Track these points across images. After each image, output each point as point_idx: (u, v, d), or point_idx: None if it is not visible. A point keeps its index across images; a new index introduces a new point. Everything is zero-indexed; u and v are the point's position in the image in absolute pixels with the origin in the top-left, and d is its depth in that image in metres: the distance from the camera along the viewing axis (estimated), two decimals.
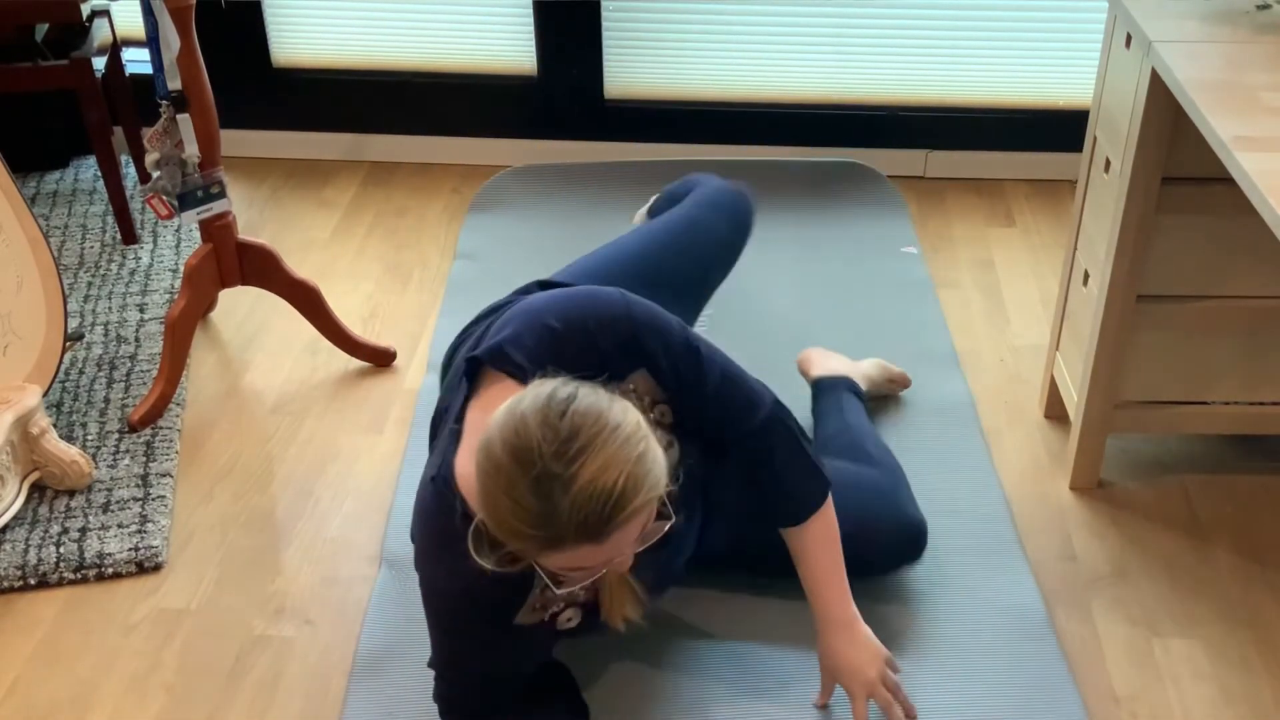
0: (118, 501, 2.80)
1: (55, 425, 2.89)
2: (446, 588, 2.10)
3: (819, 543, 2.28)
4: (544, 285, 2.48)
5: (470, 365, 2.14)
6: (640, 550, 1.97)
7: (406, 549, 2.67)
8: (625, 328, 2.12)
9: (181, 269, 3.46)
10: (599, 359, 2.05)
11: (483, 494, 1.85)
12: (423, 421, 3.03)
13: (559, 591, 1.98)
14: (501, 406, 1.88)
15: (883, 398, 3.06)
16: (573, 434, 1.79)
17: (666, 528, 1.96)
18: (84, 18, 3.44)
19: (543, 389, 1.86)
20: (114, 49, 3.77)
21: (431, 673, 2.24)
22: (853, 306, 3.44)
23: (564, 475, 1.77)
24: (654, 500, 1.88)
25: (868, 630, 2.30)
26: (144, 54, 3.70)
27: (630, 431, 1.84)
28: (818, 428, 2.85)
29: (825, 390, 2.93)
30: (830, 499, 2.28)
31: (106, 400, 3.10)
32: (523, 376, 2.02)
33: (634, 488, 1.81)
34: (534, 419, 1.80)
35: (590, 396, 1.85)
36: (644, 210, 3.43)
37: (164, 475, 2.87)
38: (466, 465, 1.99)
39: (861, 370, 3.02)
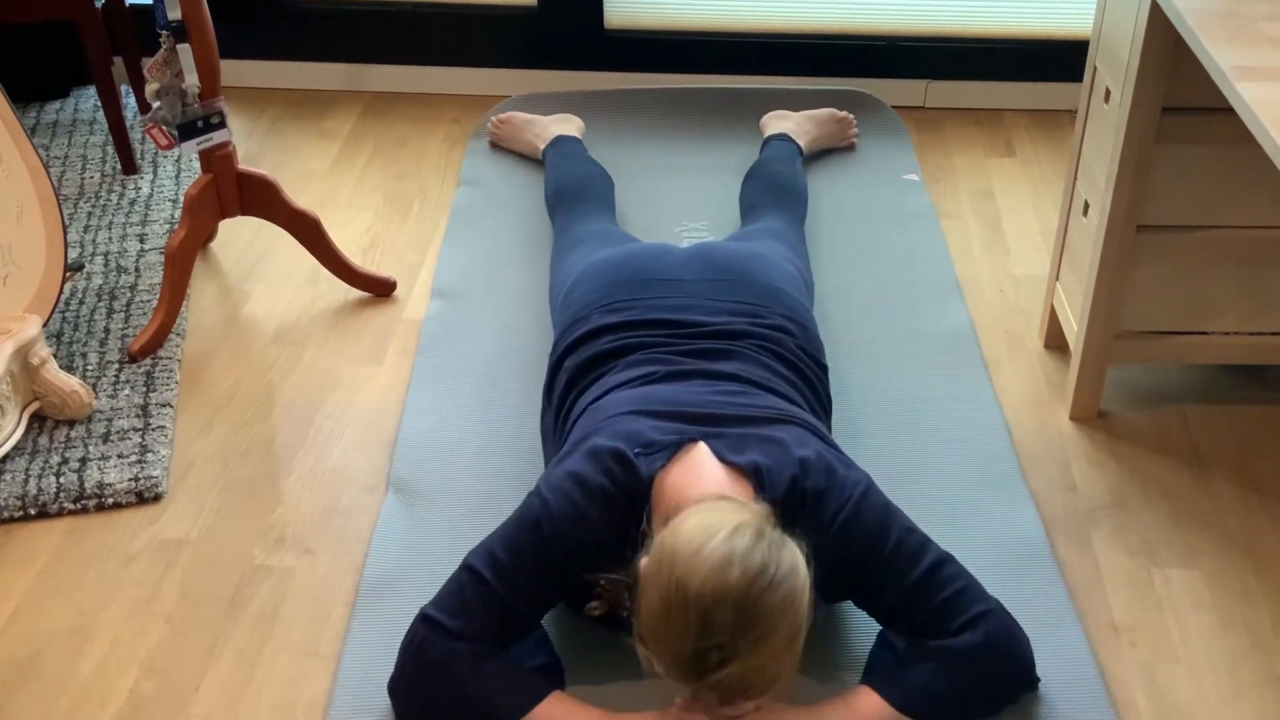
0: (118, 431, 2.81)
1: (55, 355, 2.89)
2: (568, 530, 2.08)
3: None
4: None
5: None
6: None
7: (414, 475, 2.69)
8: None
9: (181, 199, 3.45)
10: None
11: (652, 603, 1.85)
12: (426, 349, 3.03)
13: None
14: (722, 531, 1.84)
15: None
16: (757, 619, 1.80)
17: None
18: None
19: (760, 551, 1.83)
20: None
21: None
22: (854, 233, 3.42)
23: (727, 654, 1.79)
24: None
25: None
26: None
27: (798, 630, 1.85)
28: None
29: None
30: None
31: (106, 330, 3.10)
32: (755, 490, 2.05)
33: (767, 685, 1.86)
34: (737, 589, 1.79)
35: (794, 578, 1.84)
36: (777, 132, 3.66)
37: (164, 405, 2.88)
38: (664, 486, 2.05)
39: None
